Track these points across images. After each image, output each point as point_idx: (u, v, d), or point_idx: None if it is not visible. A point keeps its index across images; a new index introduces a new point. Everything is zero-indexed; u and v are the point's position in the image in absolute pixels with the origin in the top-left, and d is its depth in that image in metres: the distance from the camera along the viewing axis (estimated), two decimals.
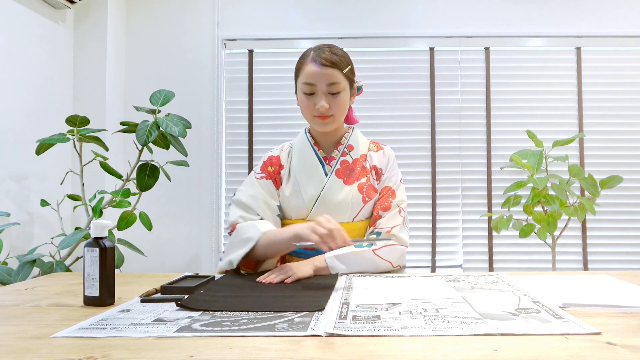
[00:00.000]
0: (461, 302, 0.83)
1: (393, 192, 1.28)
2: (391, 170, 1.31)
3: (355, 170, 1.28)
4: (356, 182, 1.26)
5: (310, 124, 1.28)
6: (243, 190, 1.27)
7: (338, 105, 1.21)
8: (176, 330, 0.69)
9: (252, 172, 1.32)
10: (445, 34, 2.67)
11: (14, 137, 2.07)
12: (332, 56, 1.20)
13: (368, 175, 1.28)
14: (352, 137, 1.32)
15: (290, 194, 1.26)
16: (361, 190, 1.26)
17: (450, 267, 2.66)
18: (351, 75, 1.25)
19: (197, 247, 2.67)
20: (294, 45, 2.71)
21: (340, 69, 1.20)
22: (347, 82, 1.23)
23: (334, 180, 1.25)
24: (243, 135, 2.71)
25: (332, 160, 1.28)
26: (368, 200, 1.26)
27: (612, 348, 0.61)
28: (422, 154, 2.67)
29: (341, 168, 1.27)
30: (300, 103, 1.27)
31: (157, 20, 2.70)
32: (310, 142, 1.31)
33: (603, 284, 1.00)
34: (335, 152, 1.29)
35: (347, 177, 1.26)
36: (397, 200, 1.26)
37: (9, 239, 2.02)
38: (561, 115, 2.65)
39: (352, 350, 0.61)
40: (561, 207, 2.16)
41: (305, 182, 1.26)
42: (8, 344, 0.65)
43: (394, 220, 1.23)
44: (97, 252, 0.86)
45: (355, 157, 1.29)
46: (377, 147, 1.34)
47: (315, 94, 1.21)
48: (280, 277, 1.04)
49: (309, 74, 1.20)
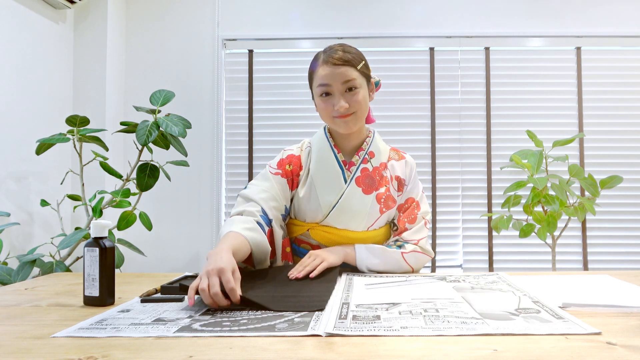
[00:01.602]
0: (461, 302, 0.83)
1: (417, 203, 1.27)
2: (414, 181, 1.29)
3: (375, 179, 1.24)
4: (375, 192, 1.22)
5: (331, 126, 1.23)
6: (254, 184, 1.23)
7: (358, 101, 1.16)
8: (176, 330, 0.69)
9: (267, 166, 1.26)
10: (445, 34, 2.67)
11: (14, 137, 2.07)
12: (343, 54, 1.16)
13: (388, 185, 1.25)
14: (373, 143, 1.27)
15: (305, 197, 1.22)
16: (379, 200, 1.23)
17: (450, 267, 2.66)
18: (366, 70, 1.20)
19: (197, 247, 2.67)
20: (294, 45, 2.71)
21: (354, 65, 1.16)
22: (363, 79, 1.18)
23: (353, 188, 1.21)
24: (243, 135, 2.71)
25: (352, 166, 1.24)
26: (385, 210, 1.23)
27: (612, 348, 0.61)
28: (422, 154, 2.67)
29: (361, 176, 1.23)
30: (318, 106, 1.22)
31: (157, 20, 2.70)
32: (330, 143, 1.25)
33: (603, 284, 1.00)
34: (355, 158, 1.25)
35: (366, 186, 1.22)
36: (422, 212, 1.26)
37: (9, 239, 2.02)
38: (561, 115, 2.66)
39: (352, 350, 0.61)
40: (561, 207, 2.16)
41: (323, 187, 1.22)
42: (8, 344, 0.65)
43: (421, 233, 1.23)
44: (97, 252, 0.86)
45: (375, 165, 1.25)
46: (399, 156, 1.31)
47: (332, 95, 1.17)
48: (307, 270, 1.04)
49: (323, 76, 1.16)
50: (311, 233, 1.23)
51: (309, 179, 1.24)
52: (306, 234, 1.24)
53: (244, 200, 1.19)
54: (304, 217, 1.25)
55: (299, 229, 1.26)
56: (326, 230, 1.22)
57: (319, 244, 1.24)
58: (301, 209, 1.24)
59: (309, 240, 1.25)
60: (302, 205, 1.24)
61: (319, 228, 1.23)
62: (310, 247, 1.25)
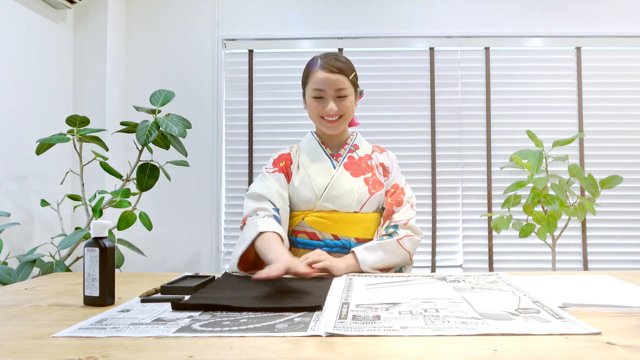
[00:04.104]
0: (461, 302, 0.83)
1: (402, 189, 1.38)
2: (397, 170, 1.42)
3: (361, 166, 1.37)
4: (362, 176, 1.34)
5: (319, 126, 1.38)
6: (255, 184, 1.34)
7: (346, 106, 1.32)
8: (176, 330, 0.69)
9: (263, 169, 1.38)
10: (445, 34, 2.67)
11: (14, 137, 2.07)
12: (339, 63, 1.30)
13: (374, 171, 1.37)
14: (357, 139, 1.43)
15: (299, 185, 1.33)
16: (367, 182, 1.34)
17: (450, 267, 2.66)
18: (355, 80, 1.36)
19: (197, 247, 2.67)
20: (294, 45, 2.71)
21: (347, 75, 1.31)
22: (352, 88, 1.34)
23: (342, 171, 1.34)
24: (243, 135, 2.71)
25: (340, 157, 1.38)
26: (374, 192, 1.33)
27: (612, 348, 0.61)
28: (422, 154, 2.67)
29: (348, 162, 1.36)
30: (308, 106, 1.36)
31: (157, 20, 2.70)
32: (318, 141, 1.40)
33: (603, 284, 1.00)
34: (342, 150, 1.39)
35: (354, 170, 1.35)
36: (407, 197, 1.37)
37: (9, 239, 2.02)
38: (561, 115, 2.65)
39: (352, 350, 0.61)
40: (561, 207, 2.16)
41: (314, 174, 1.34)
42: (8, 344, 0.65)
43: (408, 214, 1.33)
44: (97, 252, 0.86)
45: (360, 155, 1.39)
46: (381, 150, 1.45)
47: (324, 99, 1.31)
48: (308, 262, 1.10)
49: (319, 81, 1.30)
50: (306, 221, 1.31)
51: (300, 170, 1.36)
52: (302, 223, 1.32)
53: (253, 198, 1.29)
54: (298, 206, 1.34)
55: (295, 219, 1.34)
56: (320, 215, 1.30)
57: (315, 230, 1.31)
58: (296, 199, 1.34)
59: (304, 229, 1.33)
60: (297, 194, 1.33)
61: (313, 214, 1.31)
62: (307, 235, 1.32)
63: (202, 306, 0.82)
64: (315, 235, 1.31)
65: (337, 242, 1.30)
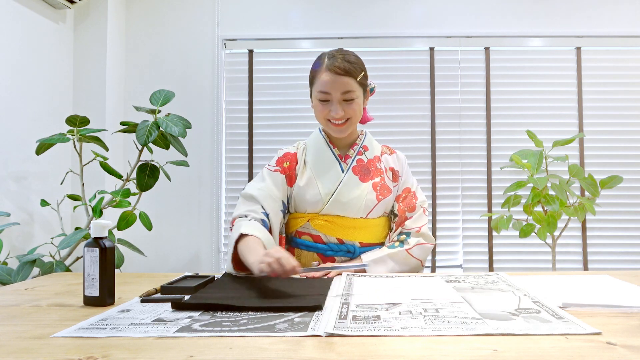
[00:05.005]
0: (461, 302, 0.83)
1: (414, 193, 1.34)
2: (407, 173, 1.37)
3: (370, 169, 1.32)
4: (371, 181, 1.30)
5: (325, 128, 1.33)
6: (252, 184, 1.30)
7: (353, 110, 1.26)
8: (176, 330, 0.69)
9: (266, 165, 1.34)
10: (445, 34, 2.67)
11: (14, 137, 2.07)
12: (346, 64, 1.23)
13: (382, 176, 1.32)
14: (366, 139, 1.37)
15: (305, 186, 1.28)
16: (375, 188, 1.29)
17: (450, 267, 2.66)
18: (364, 80, 1.29)
19: (197, 247, 2.67)
20: (294, 45, 2.71)
21: (354, 76, 1.23)
22: (360, 89, 1.27)
23: (350, 176, 1.29)
24: (243, 135, 2.71)
25: (348, 158, 1.32)
26: (382, 198, 1.29)
27: (612, 348, 0.61)
28: (422, 154, 2.67)
29: (357, 166, 1.31)
30: (315, 107, 1.30)
31: (157, 20, 2.70)
32: (326, 140, 1.34)
33: (603, 284, 1.00)
34: (350, 152, 1.33)
35: (362, 175, 1.30)
36: (420, 202, 1.33)
37: (9, 239, 2.02)
38: (561, 115, 2.65)
39: (352, 351, 0.61)
40: (561, 207, 2.16)
41: (321, 177, 1.29)
42: (8, 344, 0.65)
43: (421, 220, 1.30)
44: (97, 252, 0.86)
45: (369, 158, 1.34)
46: (391, 151, 1.40)
47: (330, 102, 1.25)
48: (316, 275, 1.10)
49: (324, 83, 1.23)
50: (312, 223, 1.29)
51: (307, 170, 1.31)
52: (306, 225, 1.30)
53: (246, 199, 1.27)
54: (304, 208, 1.30)
55: (300, 221, 1.31)
56: (326, 219, 1.28)
57: (320, 233, 1.28)
58: (302, 200, 1.29)
59: (309, 231, 1.30)
60: (303, 196, 1.29)
61: (319, 217, 1.28)
62: (311, 238, 1.29)
63: (202, 306, 0.82)
64: (319, 238, 1.29)
65: (342, 246, 1.28)
